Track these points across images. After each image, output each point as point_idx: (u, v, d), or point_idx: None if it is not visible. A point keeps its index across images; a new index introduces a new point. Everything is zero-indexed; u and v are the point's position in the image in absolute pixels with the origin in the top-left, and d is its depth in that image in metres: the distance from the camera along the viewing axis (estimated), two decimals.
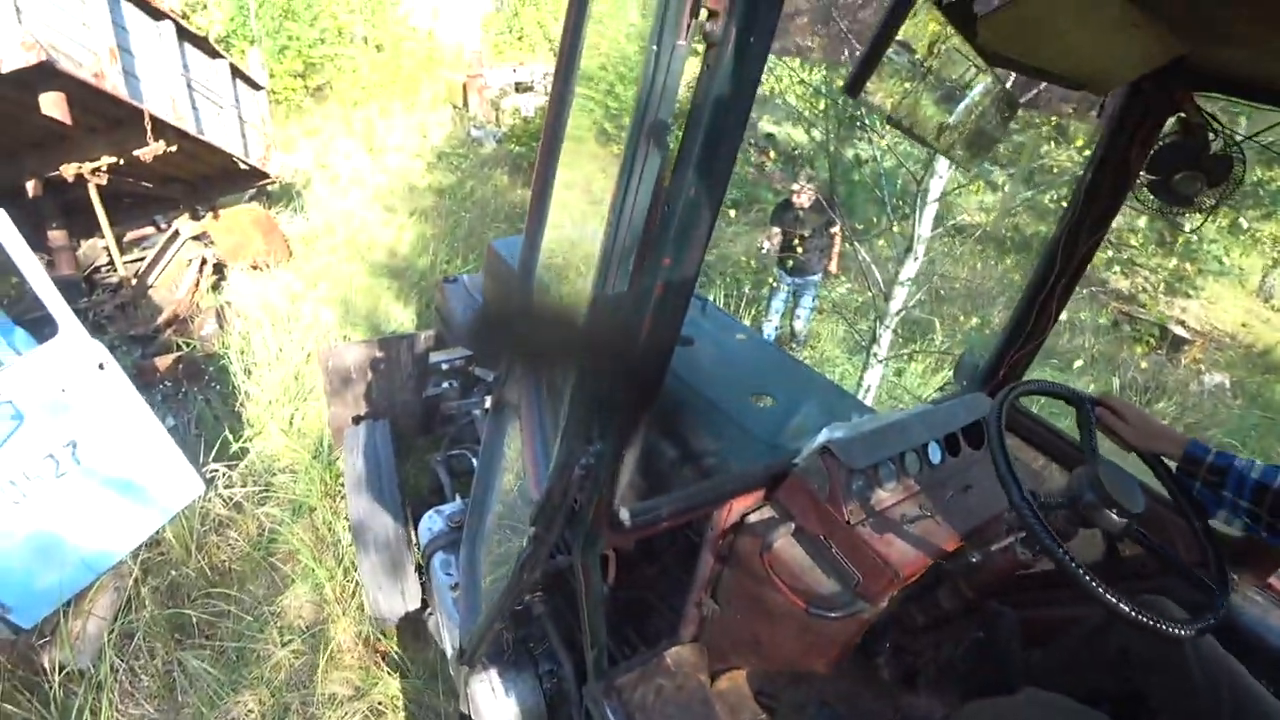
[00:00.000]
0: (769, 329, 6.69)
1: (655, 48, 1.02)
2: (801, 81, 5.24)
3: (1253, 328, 10.91)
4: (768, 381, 2.18)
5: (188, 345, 5.30)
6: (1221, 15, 1.36)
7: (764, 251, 6.48)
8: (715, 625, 1.92)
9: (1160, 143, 1.89)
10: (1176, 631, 1.22)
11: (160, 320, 5.49)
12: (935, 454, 1.73)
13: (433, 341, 3.79)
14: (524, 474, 1.67)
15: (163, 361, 4.94)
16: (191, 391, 4.84)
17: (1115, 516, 1.36)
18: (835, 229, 6.18)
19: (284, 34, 12.87)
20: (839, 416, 1.82)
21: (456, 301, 3.69)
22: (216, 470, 3.84)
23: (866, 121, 4.60)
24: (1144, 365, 6.99)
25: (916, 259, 4.29)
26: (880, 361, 4.56)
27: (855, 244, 5.24)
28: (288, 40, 12.92)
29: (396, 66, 15.20)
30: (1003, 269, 8.66)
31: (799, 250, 6.18)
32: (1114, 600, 1.21)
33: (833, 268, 6.43)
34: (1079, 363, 6.61)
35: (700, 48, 0.97)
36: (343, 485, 3.54)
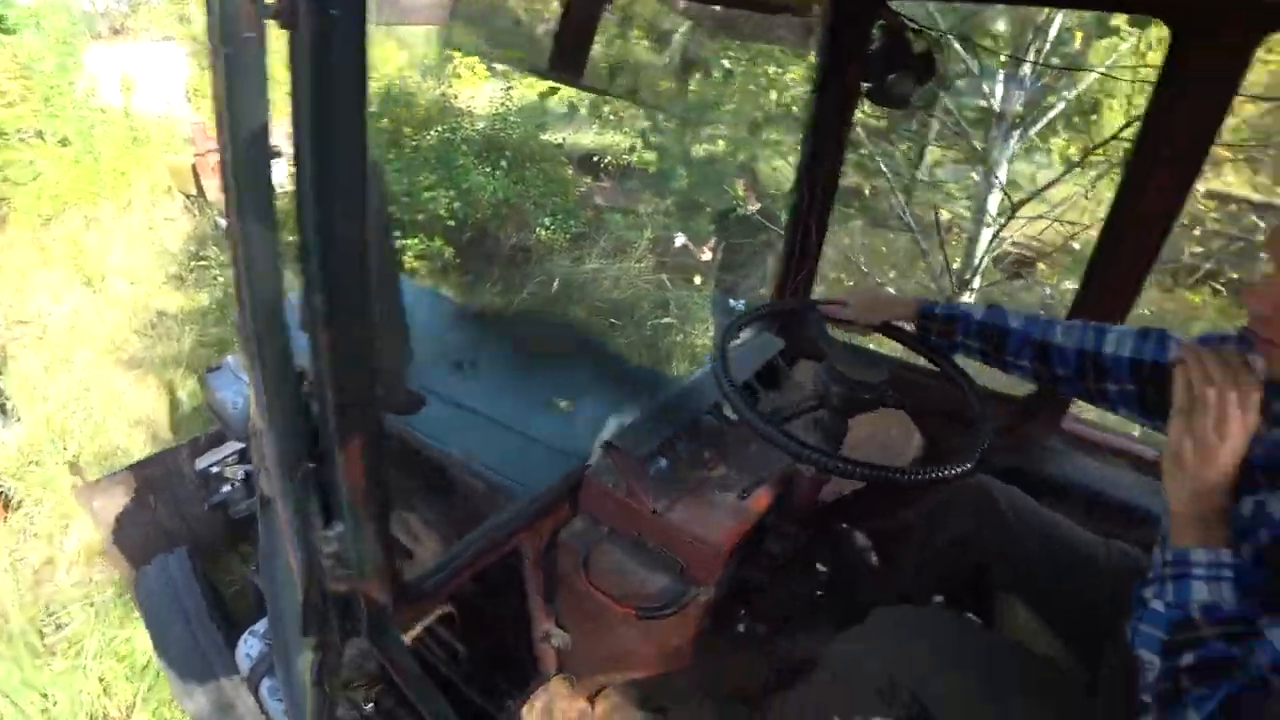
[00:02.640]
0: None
1: (226, 49, 0.83)
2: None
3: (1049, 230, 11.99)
4: (566, 383, 2.04)
5: None
6: None
7: (701, 258, 5.39)
8: (570, 652, 1.78)
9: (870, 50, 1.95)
10: (950, 472, 1.24)
11: None
12: (730, 410, 1.67)
13: (209, 443, 3.35)
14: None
15: None
16: None
17: (866, 395, 1.36)
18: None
19: None
20: (641, 398, 1.72)
21: (226, 390, 3.28)
22: None
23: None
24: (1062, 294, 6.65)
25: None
26: None
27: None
28: None
29: (93, 160, 11.04)
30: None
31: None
32: (886, 470, 1.20)
33: None
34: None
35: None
36: None
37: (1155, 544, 1.41)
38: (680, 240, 5.48)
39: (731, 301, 5.14)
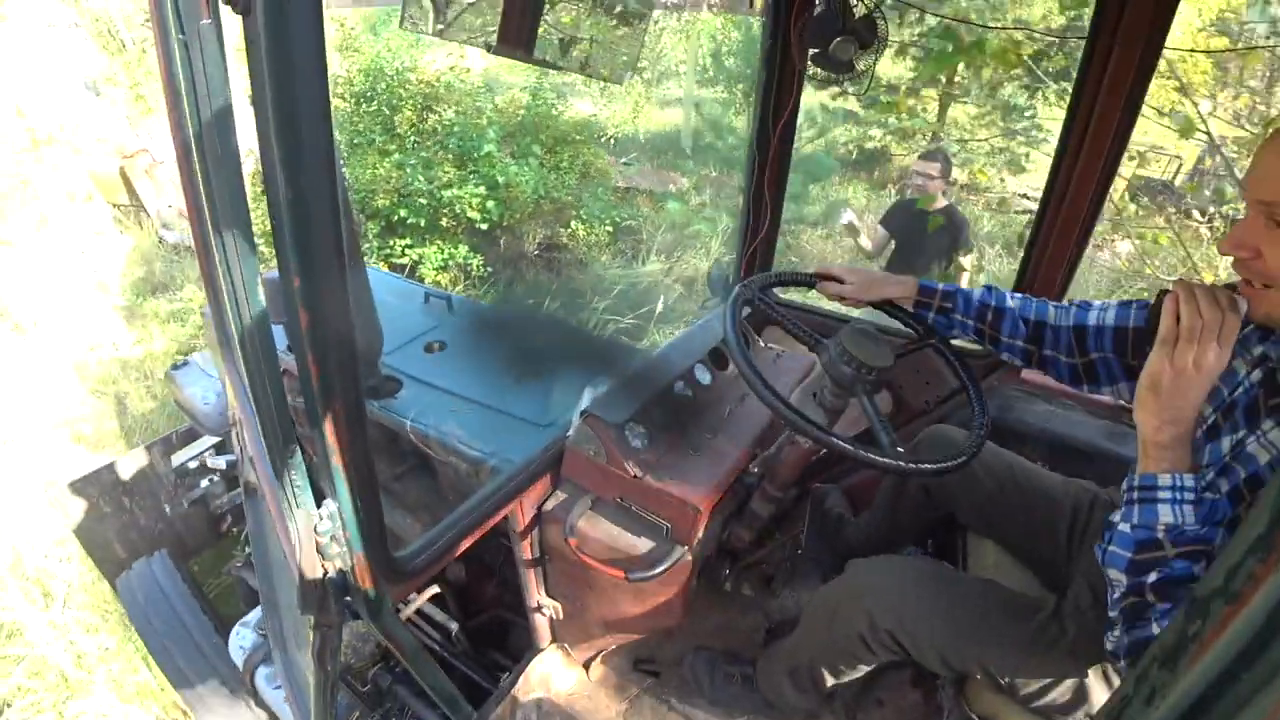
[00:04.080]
0: None
1: (182, 37, 0.82)
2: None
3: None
4: (533, 358, 2.06)
5: None
6: None
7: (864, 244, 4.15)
8: (563, 621, 1.83)
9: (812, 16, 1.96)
10: (943, 465, 1.25)
11: None
12: (703, 375, 1.71)
13: (181, 440, 3.31)
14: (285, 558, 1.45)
15: None
16: None
17: (871, 377, 1.36)
18: (966, 254, 3.79)
19: None
20: (613, 369, 1.74)
21: (194, 386, 3.23)
22: None
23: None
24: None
25: None
26: None
27: None
28: None
29: None
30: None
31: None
32: (878, 458, 1.20)
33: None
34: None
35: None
36: None
37: (1111, 480, 1.49)
38: (847, 217, 4.25)
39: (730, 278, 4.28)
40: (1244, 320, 0.92)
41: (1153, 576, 0.90)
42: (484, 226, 6.38)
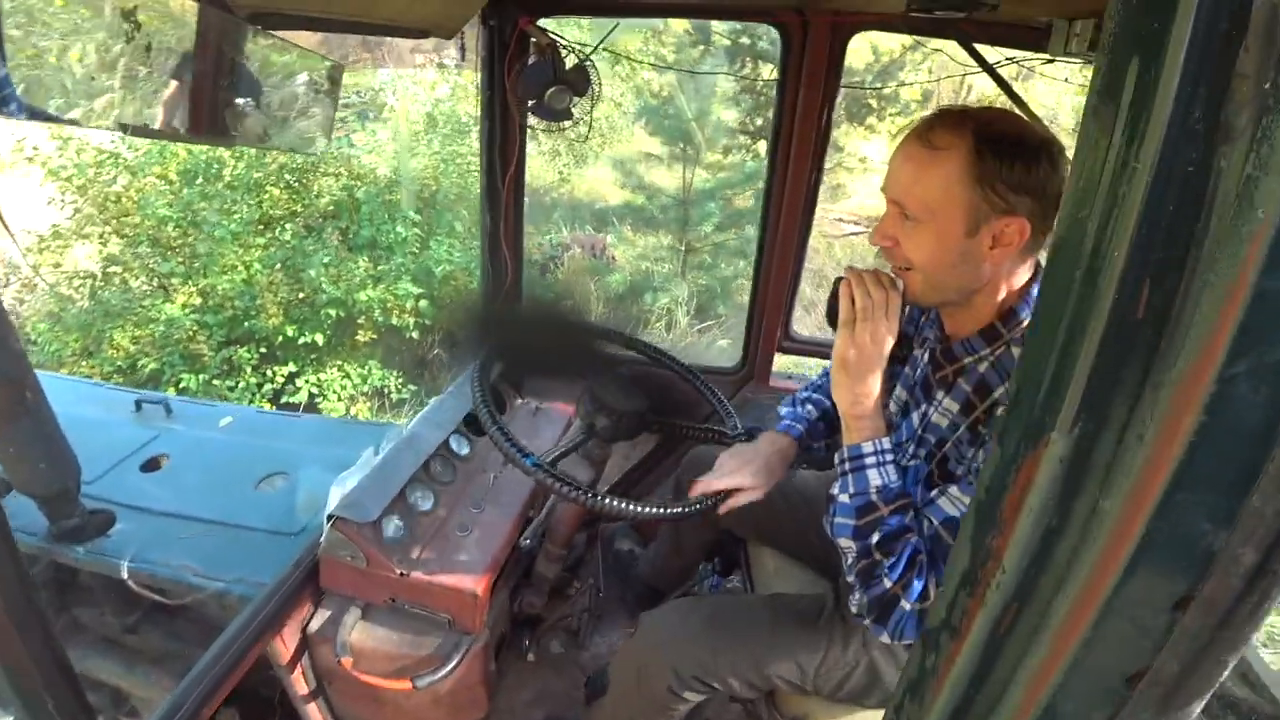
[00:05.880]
0: None
1: None
2: None
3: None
4: (273, 458, 1.84)
5: None
6: None
7: None
8: None
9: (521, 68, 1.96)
10: (688, 509, 1.26)
11: None
12: (461, 446, 1.61)
13: None
14: None
15: None
16: None
17: (627, 423, 1.35)
18: None
19: None
20: (355, 460, 1.58)
21: None
22: None
23: None
24: None
25: None
26: None
27: None
28: None
29: None
30: None
31: None
32: (627, 508, 1.19)
33: None
34: None
35: None
36: None
37: None
38: None
39: None
40: (903, 299, 1.06)
41: (875, 537, 1.03)
42: (414, 336, 4.80)
